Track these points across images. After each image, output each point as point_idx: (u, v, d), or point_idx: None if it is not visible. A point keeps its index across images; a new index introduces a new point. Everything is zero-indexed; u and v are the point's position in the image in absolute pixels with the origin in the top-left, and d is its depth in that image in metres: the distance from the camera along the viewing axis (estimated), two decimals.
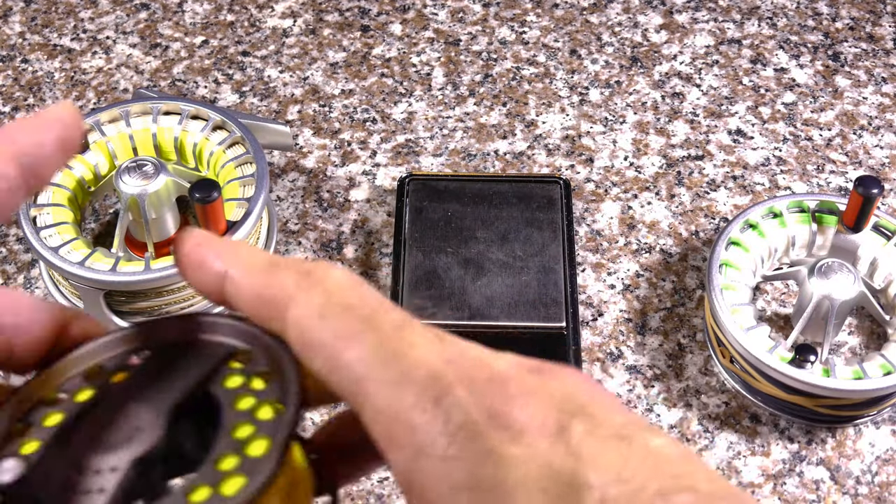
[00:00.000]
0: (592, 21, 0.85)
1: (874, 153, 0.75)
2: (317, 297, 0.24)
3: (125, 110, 0.65)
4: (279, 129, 0.67)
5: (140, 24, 0.84)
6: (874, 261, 0.63)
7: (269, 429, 0.24)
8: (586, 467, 0.22)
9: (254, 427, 0.25)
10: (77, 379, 0.27)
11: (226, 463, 0.24)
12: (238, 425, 0.25)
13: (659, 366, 0.63)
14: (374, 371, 0.23)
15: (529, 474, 0.22)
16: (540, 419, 0.23)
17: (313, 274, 0.24)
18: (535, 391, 0.24)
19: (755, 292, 0.66)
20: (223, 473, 0.24)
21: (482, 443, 0.22)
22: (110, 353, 0.28)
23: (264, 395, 0.26)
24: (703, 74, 0.80)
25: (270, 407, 0.25)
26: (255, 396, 0.26)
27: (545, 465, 0.22)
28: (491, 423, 0.23)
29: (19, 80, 0.79)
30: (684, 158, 0.74)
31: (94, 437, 0.25)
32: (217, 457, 0.24)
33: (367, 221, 0.70)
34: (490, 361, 0.24)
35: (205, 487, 0.23)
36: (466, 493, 0.22)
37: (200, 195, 0.56)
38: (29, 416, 0.26)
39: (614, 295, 0.66)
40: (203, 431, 0.26)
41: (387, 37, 0.83)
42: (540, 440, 0.23)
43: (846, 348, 0.64)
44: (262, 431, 0.24)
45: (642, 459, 0.23)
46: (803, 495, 0.58)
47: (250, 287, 0.25)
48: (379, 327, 0.24)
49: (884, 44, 0.84)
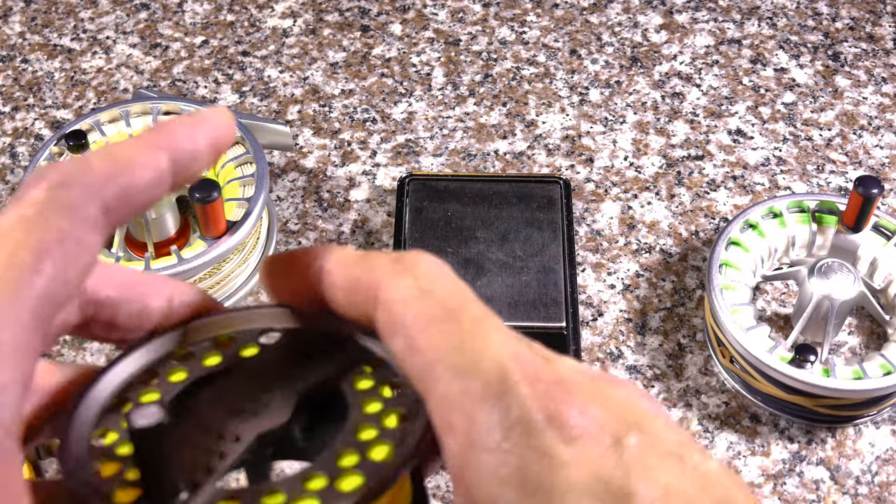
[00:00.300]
0: (592, 21, 0.85)
1: (874, 153, 0.75)
2: (404, 282, 0.25)
3: (125, 110, 0.65)
4: (279, 129, 0.67)
5: (140, 24, 0.84)
6: (874, 261, 0.63)
7: (393, 437, 0.25)
8: (637, 480, 0.23)
9: (378, 431, 0.25)
10: (207, 343, 0.28)
11: (346, 460, 0.24)
12: (363, 427, 0.25)
13: (659, 366, 0.63)
14: (446, 358, 0.24)
15: (579, 479, 0.22)
16: (597, 426, 0.23)
17: (403, 261, 0.25)
18: (596, 399, 0.24)
19: (755, 292, 0.66)
20: (342, 469, 0.24)
21: (536, 441, 0.23)
22: (243, 328, 0.28)
23: (392, 404, 0.26)
24: (703, 74, 0.80)
25: (396, 416, 0.25)
26: (384, 403, 0.26)
27: (596, 472, 0.23)
28: (548, 424, 0.23)
29: (19, 80, 0.79)
30: (684, 158, 0.74)
31: (222, 403, 0.26)
32: (338, 452, 0.24)
33: (367, 221, 0.70)
34: (557, 365, 0.25)
35: (322, 478, 0.24)
36: (514, 488, 0.22)
37: (200, 195, 0.56)
38: (157, 366, 0.27)
39: (614, 295, 0.67)
40: (320, 424, 0.27)
41: (387, 37, 0.83)
42: (594, 447, 0.23)
43: (846, 348, 0.64)
44: (386, 438, 0.25)
45: (692, 479, 0.23)
46: (803, 495, 0.58)
47: (345, 275, 0.26)
48: (458, 317, 0.24)
49: (884, 44, 0.84)
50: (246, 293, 0.63)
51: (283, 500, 0.23)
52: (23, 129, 0.76)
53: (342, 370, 0.27)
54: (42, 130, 0.76)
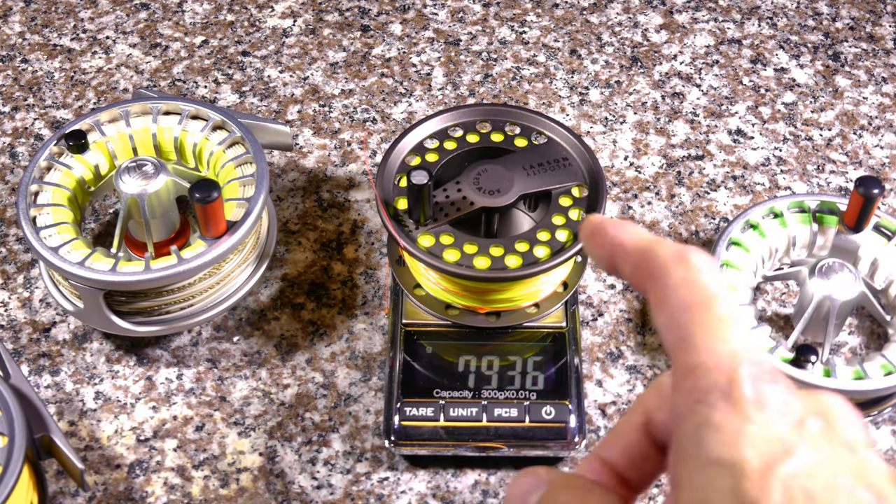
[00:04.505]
0: (592, 21, 0.85)
1: (874, 153, 0.75)
2: (677, 271, 0.31)
3: (125, 110, 0.65)
4: (279, 129, 0.67)
5: (140, 24, 0.84)
6: (875, 261, 0.63)
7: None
8: (800, 450, 0.27)
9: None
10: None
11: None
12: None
13: (659, 366, 0.63)
14: (694, 335, 0.29)
15: (751, 439, 0.27)
16: (784, 405, 0.28)
17: (683, 253, 0.31)
18: (797, 392, 0.29)
19: (756, 292, 0.66)
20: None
21: (725, 407, 0.28)
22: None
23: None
24: (703, 74, 0.80)
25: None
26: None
27: (767, 436, 0.27)
28: (740, 398, 0.28)
29: (19, 80, 0.79)
30: (684, 158, 0.74)
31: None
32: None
33: (366, 221, 0.70)
34: (769, 364, 0.30)
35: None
36: (704, 432, 0.28)
37: (200, 195, 0.56)
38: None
39: (614, 295, 0.66)
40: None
41: (387, 37, 0.83)
42: (776, 418, 0.28)
43: (847, 348, 0.64)
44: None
45: (853, 466, 0.28)
46: None
47: (634, 253, 0.32)
48: (711, 308, 0.30)
49: (884, 44, 0.84)
50: (246, 293, 0.63)
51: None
52: (22, 129, 0.76)
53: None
54: (42, 130, 0.76)
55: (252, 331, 0.64)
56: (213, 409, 0.61)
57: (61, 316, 0.65)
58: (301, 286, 0.67)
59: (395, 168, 0.60)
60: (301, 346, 0.64)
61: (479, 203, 0.58)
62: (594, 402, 0.61)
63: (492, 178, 0.59)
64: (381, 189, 0.59)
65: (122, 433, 0.60)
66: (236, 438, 0.60)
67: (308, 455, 0.59)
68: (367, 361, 0.63)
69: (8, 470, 0.48)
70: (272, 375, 0.62)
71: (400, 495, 0.58)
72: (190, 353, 0.63)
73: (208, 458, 0.59)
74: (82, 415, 0.61)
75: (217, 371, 0.63)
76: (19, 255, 0.68)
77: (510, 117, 0.63)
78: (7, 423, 0.50)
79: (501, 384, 0.58)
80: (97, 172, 0.64)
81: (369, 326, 0.65)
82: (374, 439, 0.60)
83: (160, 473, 0.58)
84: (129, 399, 0.61)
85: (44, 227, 0.60)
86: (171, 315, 0.61)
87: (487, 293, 0.59)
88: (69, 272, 0.57)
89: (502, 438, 0.56)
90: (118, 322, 0.60)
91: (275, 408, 0.61)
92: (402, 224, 0.58)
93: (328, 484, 0.58)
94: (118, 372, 0.63)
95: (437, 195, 0.58)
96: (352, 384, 0.62)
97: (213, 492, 0.58)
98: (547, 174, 0.60)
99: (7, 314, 0.65)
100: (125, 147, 0.65)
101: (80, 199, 0.64)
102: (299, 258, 0.68)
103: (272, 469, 0.59)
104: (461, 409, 0.57)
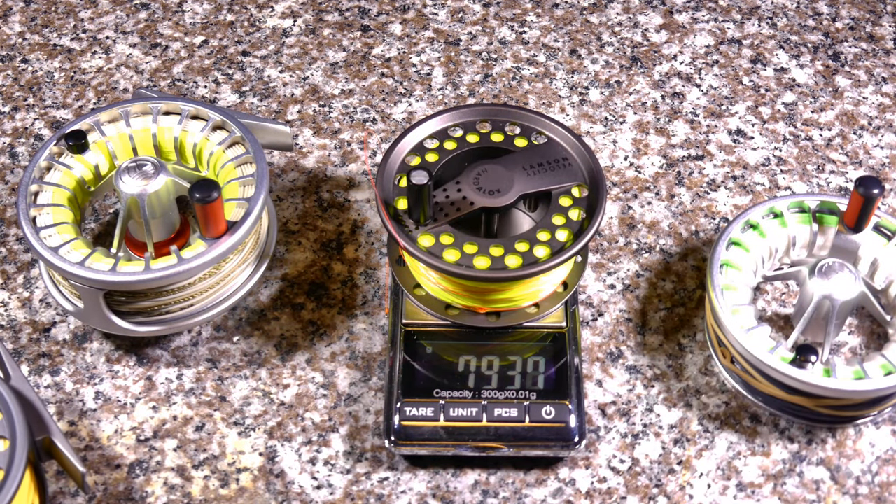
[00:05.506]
0: (592, 21, 0.85)
1: (874, 153, 0.75)
2: None
3: (125, 110, 0.65)
4: (279, 129, 0.67)
5: (140, 24, 0.84)
6: (875, 261, 0.63)
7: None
8: None
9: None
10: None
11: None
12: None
13: (659, 366, 0.63)
14: None
15: None
16: None
17: None
18: None
19: (755, 292, 0.66)
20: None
21: None
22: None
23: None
24: (703, 74, 0.80)
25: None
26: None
27: None
28: None
29: (19, 80, 0.79)
30: (684, 158, 0.74)
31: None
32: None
33: (366, 221, 0.70)
34: None
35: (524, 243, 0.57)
36: None
37: (200, 195, 0.56)
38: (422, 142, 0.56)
39: (614, 295, 0.66)
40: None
41: (387, 37, 0.83)
42: None
43: (847, 348, 0.64)
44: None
45: None
46: (803, 495, 0.58)
47: None
48: None
49: (884, 44, 0.84)
50: (246, 293, 0.63)
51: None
52: (22, 129, 0.76)
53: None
54: (42, 130, 0.76)
55: (252, 331, 0.64)
56: (213, 409, 0.61)
57: (61, 316, 0.65)
58: (301, 286, 0.67)
59: (395, 168, 0.60)
60: (301, 346, 0.64)
61: (479, 203, 0.58)
62: (594, 402, 0.61)
63: (492, 178, 0.59)
64: (381, 189, 0.59)
65: (122, 433, 0.60)
66: (236, 438, 0.60)
67: (308, 455, 0.59)
68: (367, 361, 0.63)
69: (10, 474, 0.48)
70: (272, 375, 0.62)
71: (400, 495, 0.58)
72: (190, 353, 0.63)
73: (208, 458, 0.59)
74: (82, 415, 0.61)
75: (217, 371, 0.63)
76: (19, 255, 0.68)
77: (510, 117, 0.63)
78: (8, 426, 0.50)
79: (501, 384, 0.58)
80: (97, 172, 0.64)
81: (369, 326, 0.65)
82: (374, 439, 0.60)
83: (160, 473, 0.58)
84: (129, 399, 0.61)
85: (44, 227, 0.60)
86: (171, 315, 0.61)
87: (487, 293, 0.59)
88: (69, 272, 0.57)
89: (502, 438, 0.56)
90: (118, 322, 0.60)
91: (275, 408, 0.61)
92: (402, 224, 0.58)
93: (328, 484, 0.58)
94: (118, 372, 0.63)
95: (437, 195, 0.58)
96: (352, 384, 0.62)
97: (213, 492, 0.58)
98: (547, 174, 0.60)
99: (7, 314, 0.65)
100: (125, 147, 0.65)
101: (80, 199, 0.64)
102: (299, 258, 0.68)
103: (272, 469, 0.59)
104: (461, 409, 0.57)
